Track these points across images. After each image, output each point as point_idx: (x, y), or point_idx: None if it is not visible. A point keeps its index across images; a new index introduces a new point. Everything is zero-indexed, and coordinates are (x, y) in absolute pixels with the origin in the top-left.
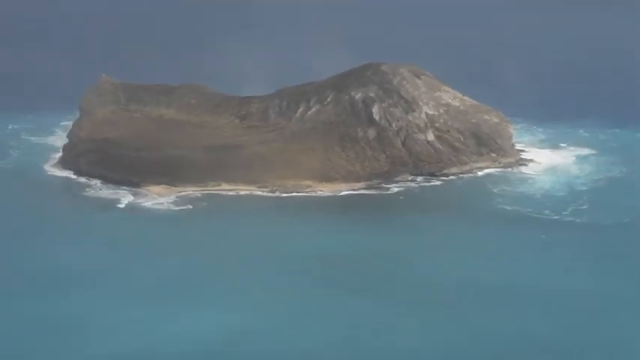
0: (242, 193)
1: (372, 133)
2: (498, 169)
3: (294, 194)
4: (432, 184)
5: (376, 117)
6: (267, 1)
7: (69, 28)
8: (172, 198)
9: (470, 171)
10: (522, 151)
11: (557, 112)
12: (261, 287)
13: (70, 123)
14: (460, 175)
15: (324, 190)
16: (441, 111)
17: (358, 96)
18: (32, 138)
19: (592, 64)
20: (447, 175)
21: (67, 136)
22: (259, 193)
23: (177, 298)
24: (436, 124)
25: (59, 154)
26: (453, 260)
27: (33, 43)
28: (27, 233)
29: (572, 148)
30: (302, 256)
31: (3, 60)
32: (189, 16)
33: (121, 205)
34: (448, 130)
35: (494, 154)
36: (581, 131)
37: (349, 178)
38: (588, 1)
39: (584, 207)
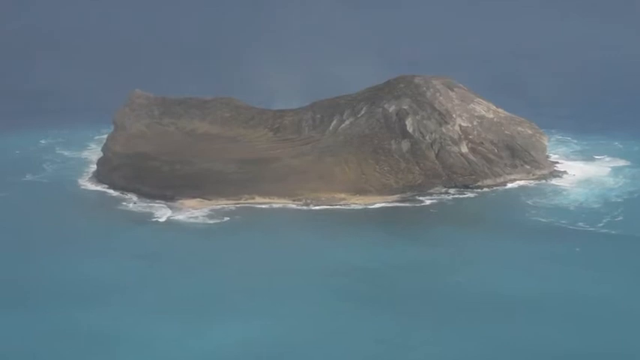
0: (275, 206)
1: (405, 145)
2: (532, 181)
3: (327, 207)
4: (465, 196)
5: (410, 129)
6: (300, 14)
7: (103, 43)
8: (206, 211)
9: (504, 183)
10: (556, 162)
11: (591, 123)
12: (291, 302)
13: (104, 137)
14: (494, 188)
15: (358, 202)
16: (475, 123)
17: (392, 108)
18: (66, 152)
19: (627, 75)
20: (480, 188)
21: (101, 150)
22: (293, 206)
23: (207, 312)
24: (470, 136)
25: (93, 168)
26: (485, 273)
27: (67, 57)
28: (62, 246)
29: (606, 159)
30: (334, 270)
31: (38, 75)
32: (222, 30)
33: (156, 219)
34: (482, 142)
35: (528, 166)
36: (616, 143)
37: (383, 190)
38: (625, 10)
39: (619, 219)
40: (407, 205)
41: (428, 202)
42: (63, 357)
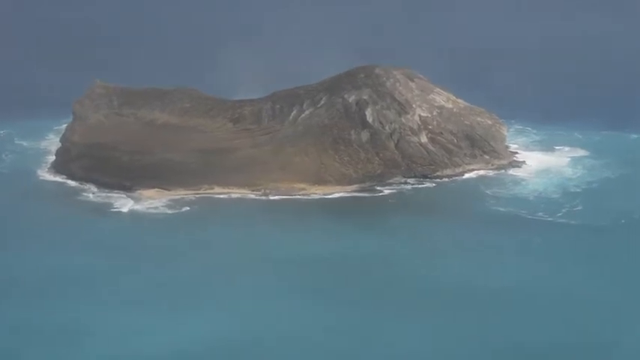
0: (234, 196)
1: (365, 135)
2: (491, 171)
3: (286, 197)
4: (424, 186)
5: (369, 119)
6: (259, 3)
7: (62, 33)
8: (165, 201)
9: (463, 173)
10: (516, 152)
11: (551, 113)
12: (248, 295)
13: (63, 127)
14: (453, 177)
15: (317, 192)
16: (434, 113)
17: (351, 99)
18: (25, 143)
19: (586, 66)
20: (440, 177)
21: (59, 141)
22: (252, 196)
23: (164, 306)
24: (429, 127)
25: (52, 159)
26: (444, 264)
27: (27, 47)
28: (20, 238)
29: (566, 149)
30: (291, 261)
31: None
32: (183, 21)
33: (115, 210)
34: (441, 132)
35: (487, 156)
36: (576, 133)
37: (342, 180)
38: (583, 3)
39: (578, 209)
40: (366, 195)
41: (387, 191)
42: (24, 352)
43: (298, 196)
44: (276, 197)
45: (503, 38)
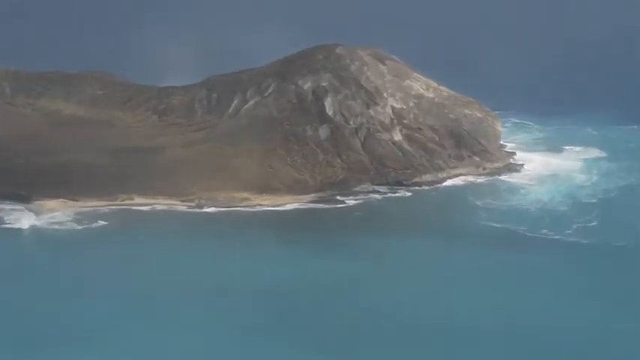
0: (160, 208)
1: (324, 132)
2: (483, 177)
3: (225, 209)
4: (399, 195)
5: (329, 112)
6: None
7: None
8: (72, 215)
9: (447, 179)
10: (513, 153)
11: (558, 104)
12: (170, 331)
13: None
14: (434, 185)
15: (264, 203)
16: (411, 104)
17: (307, 86)
18: None
19: (602, 46)
20: (418, 185)
21: None
22: (182, 208)
23: (73, 345)
24: (404, 121)
25: None
26: (422, 296)
27: None
28: None
29: (576, 149)
30: (224, 291)
31: None
32: None
33: (7, 226)
34: (419, 128)
35: (477, 158)
36: (589, 129)
37: (295, 188)
38: None
39: (593, 224)
40: (325, 206)
41: (352, 202)
42: None
43: (240, 209)
44: (213, 209)
45: (497, 10)
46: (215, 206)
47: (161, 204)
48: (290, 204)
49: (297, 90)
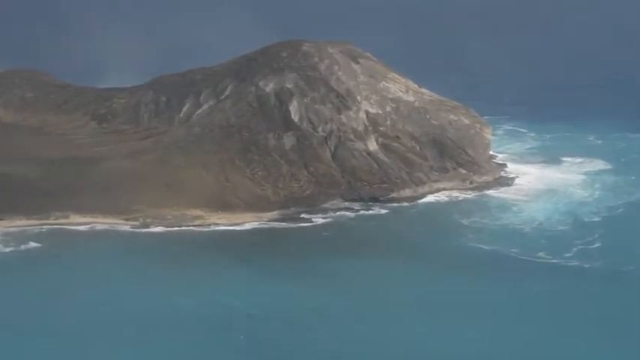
0: (100, 227)
1: (288, 140)
2: (470, 192)
3: (175, 229)
4: (374, 213)
5: (295, 118)
6: None
7: None
8: None
9: (429, 194)
10: (505, 165)
11: (556, 109)
12: None
13: None
14: (415, 201)
15: (220, 222)
16: (388, 109)
17: (269, 87)
18: None
19: (606, 46)
20: (396, 201)
21: None
22: (125, 228)
23: None
24: (381, 128)
25: None
26: (395, 330)
27: None
28: None
29: (577, 161)
30: (168, 323)
31: None
32: None
33: None
34: (398, 137)
35: (463, 171)
36: (591, 137)
37: (256, 205)
38: None
39: (596, 246)
40: (289, 225)
41: (320, 221)
42: None
43: (192, 228)
44: (160, 229)
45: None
46: (163, 226)
47: (101, 223)
48: (249, 223)
49: (258, 92)
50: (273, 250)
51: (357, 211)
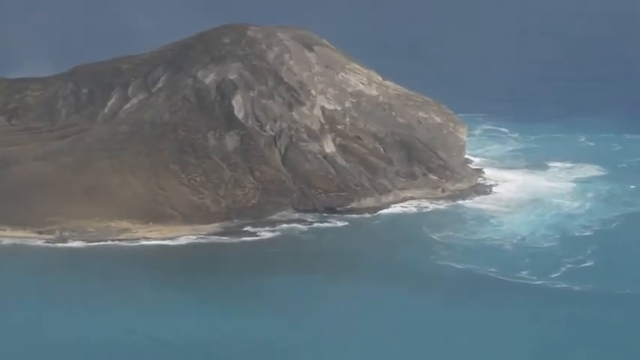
0: (7, 242)
1: (232, 141)
2: (442, 201)
3: (97, 244)
4: (330, 225)
5: (239, 114)
6: None
7: None
8: None
9: (394, 204)
10: (482, 170)
11: (542, 106)
12: None
13: None
14: (378, 212)
15: (151, 236)
16: (348, 104)
17: (209, 79)
18: None
19: (602, 34)
20: (356, 212)
21: None
22: (38, 242)
23: None
24: (339, 127)
25: None
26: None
27: None
28: None
29: (567, 166)
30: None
31: None
32: None
33: None
34: (358, 137)
35: (434, 177)
36: (583, 138)
37: (193, 216)
38: None
39: (587, 265)
40: (232, 240)
41: (267, 235)
42: None
43: (118, 243)
44: (80, 244)
45: None
46: (83, 240)
47: (9, 237)
48: (185, 237)
49: (196, 85)
50: (210, 269)
51: (311, 223)
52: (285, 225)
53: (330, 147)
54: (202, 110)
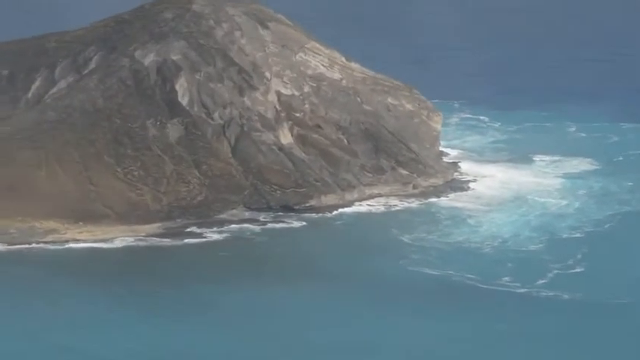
0: None
1: (175, 130)
2: (413, 199)
3: (20, 247)
4: (286, 226)
5: (183, 100)
6: None
7: None
8: None
9: (359, 201)
10: (458, 164)
11: (527, 91)
12: None
13: None
14: (340, 210)
15: (82, 238)
16: (307, 89)
17: (149, 60)
18: None
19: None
20: (315, 210)
21: None
22: None
23: None
24: (297, 114)
25: None
26: None
27: None
28: None
29: (554, 159)
30: None
31: None
32: None
33: None
34: (319, 126)
35: (405, 171)
36: (573, 128)
37: (130, 215)
38: None
39: (577, 271)
40: (175, 242)
41: (215, 236)
42: None
43: (44, 246)
44: (0, 247)
45: None
46: (4, 242)
47: None
48: (121, 238)
49: (134, 66)
50: (149, 276)
51: (265, 223)
52: (235, 226)
53: (286, 137)
54: (141, 95)
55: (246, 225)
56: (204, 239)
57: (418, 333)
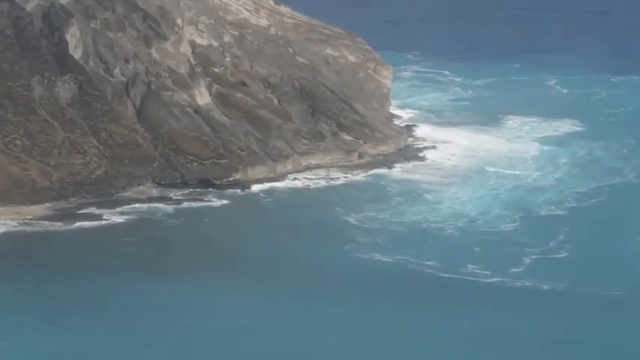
0: None
1: (66, 89)
2: (359, 171)
3: None
4: (206, 204)
5: (76, 54)
6: None
7: None
8: None
9: (294, 174)
10: (413, 127)
11: (496, 40)
12: None
13: None
14: (271, 185)
15: None
16: (228, 39)
17: (32, 4)
18: None
19: None
20: (241, 186)
21: None
22: None
23: None
24: (216, 70)
25: None
26: None
27: None
28: None
29: (527, 120)
30: None
31: None
32: None
33: None
34: (243, 83)
35: (349, 137)
36: (552, 81)
37: (13, 194)
38: None
39: (559, 256)
40: (68, 226)
41: (117, 219)
42: None
43: None
44: None
45: None
46: None
47: None
48: (1, 222)
49: (14, 12)
50: (35, 267)
51: (178, 202)
52: (142, 205)
53: (203, 97)
54: (23, 48)
55: (155, 204)
56: (103, 222)
57: (362, 336)
